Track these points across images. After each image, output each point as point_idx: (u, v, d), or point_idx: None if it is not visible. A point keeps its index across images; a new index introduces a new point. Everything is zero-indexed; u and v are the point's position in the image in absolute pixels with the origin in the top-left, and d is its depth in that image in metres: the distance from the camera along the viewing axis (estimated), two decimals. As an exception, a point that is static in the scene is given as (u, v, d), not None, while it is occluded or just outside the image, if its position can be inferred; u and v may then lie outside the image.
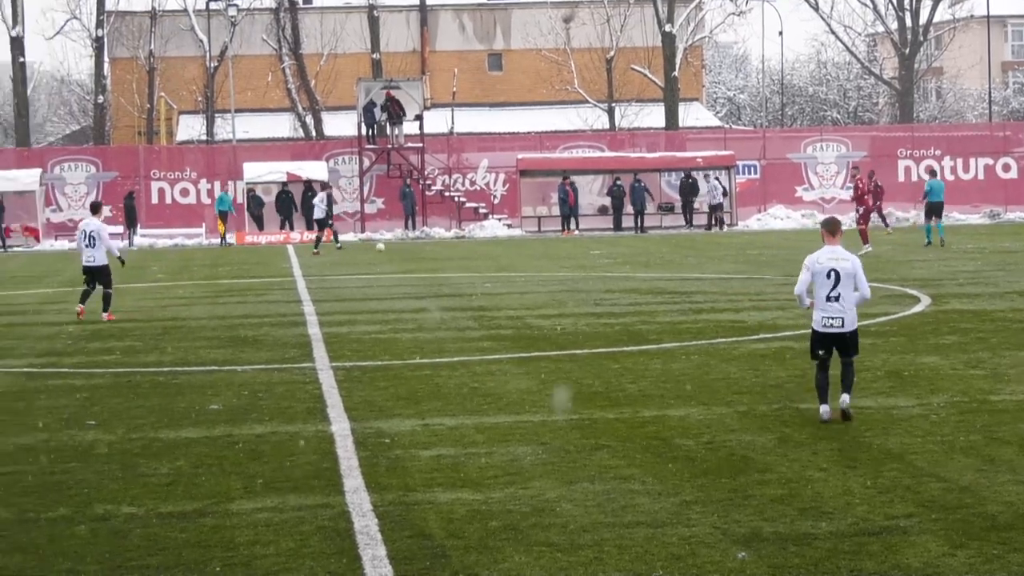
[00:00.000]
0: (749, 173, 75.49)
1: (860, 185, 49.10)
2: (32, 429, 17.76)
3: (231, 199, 70.64)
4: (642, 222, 71.18)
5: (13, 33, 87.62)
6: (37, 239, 70.59)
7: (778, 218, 72.24)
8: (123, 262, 31.79)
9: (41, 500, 13.72)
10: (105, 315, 30.19)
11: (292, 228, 70.77)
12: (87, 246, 30.46)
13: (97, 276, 30.65)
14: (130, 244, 68.49)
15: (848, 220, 45.67)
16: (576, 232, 69.91)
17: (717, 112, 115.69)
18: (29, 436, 17.28)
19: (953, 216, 72.39)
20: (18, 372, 23.21)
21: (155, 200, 73.23)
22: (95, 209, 32.58)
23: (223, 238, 68.35)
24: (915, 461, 14.36)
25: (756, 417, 17.08)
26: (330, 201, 60.67)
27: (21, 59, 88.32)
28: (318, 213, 59.74)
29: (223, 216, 68.78)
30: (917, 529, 11.71)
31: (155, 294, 38.92)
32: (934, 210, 50.98)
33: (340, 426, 17.22)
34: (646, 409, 17.85)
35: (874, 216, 54.24)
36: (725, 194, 71.78)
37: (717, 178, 72.21)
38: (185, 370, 22.88)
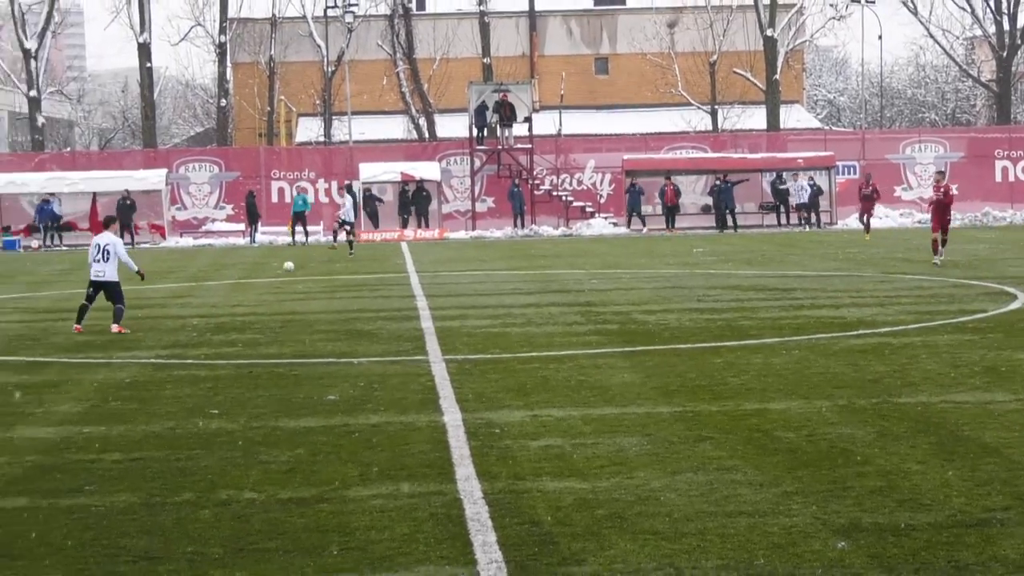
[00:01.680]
0: (848, 173, 75.00)
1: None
2: (159, 417, 17.94)
3: (307, 200, 70.93)
4: (734, 221, 70.85)
5: (141, 40, 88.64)
6: (163, 236, 71.32)
7: (877, 217, 71.75)
8: (143, 276, 29.67)
9: (167, 485, 13.85)
10: (115, 327, 27.92)
11: (409, 225, 71.08)
12: (98, 260, 28.14)
13: (107, 291, 28.22)
14: (252, 241, 69.07)
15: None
16: (675, 231, 69.78)
17: (817, 114, 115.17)
18: (156, 424, 17.45)
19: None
20: (146, 363, 23.43)
21: (275, 199, 73.80)
22: (108, 223, 29.89)
23: (294, 237, 68.70)
24: (1012, 455, 14.22)
25: (855, 411, 16.96)
26: (355, 202, 59.93)
27: (148, 64, 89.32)
28: (349, 216, 58.10)
29: (299, 216, 69.12)
30: (1014, 521, 11.59)
31: (275, 289, 39.18)
32: None
33: (452, 416, 17.27)
34: (748, 402, 17.79)
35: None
36: (819, 194, 71.36)
37: (811, 178, 71.85)
38: (303, 362, 23.02)
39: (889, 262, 40.15)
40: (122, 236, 67.98)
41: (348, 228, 57.53)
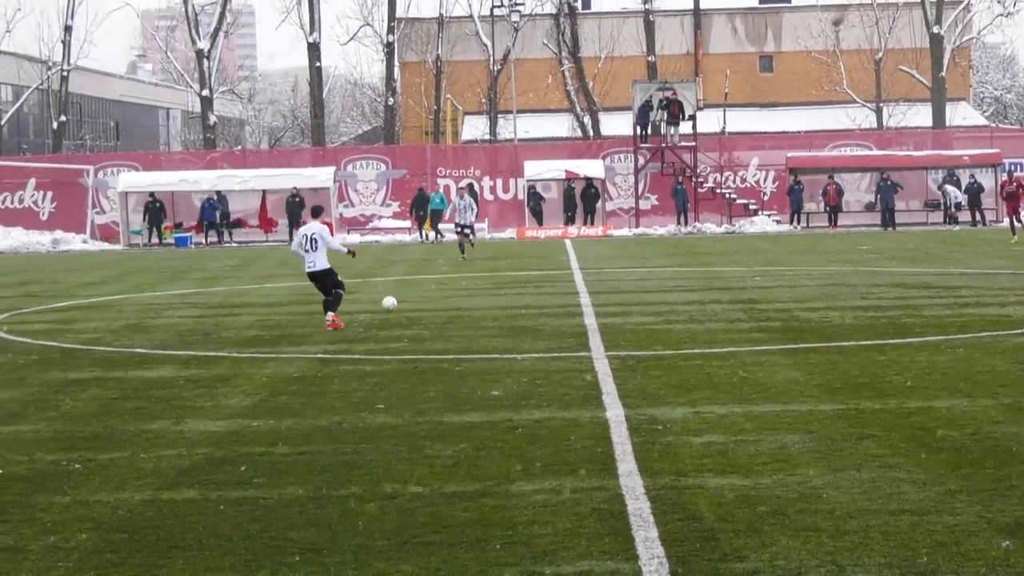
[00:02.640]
0: (1016, 170, 73.93)
1: None
2: (326, 411, 18.13)
3: (443, 197, 71.06)
4: (893, 219, 70.12)
5: (310, 39, 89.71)
6: (331, 232, 71.92)
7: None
8: (354, 254, 30.38)
9: (334, 478, 13.99)
10: (329, 317, 27.71)
11: (571, 223, 71.14)
12: (308, 250, 28.02)
13: (322, 280, 28.05)
14: (422, 239, 69.43)
15: None
16: (837, 228, 69.29)
17: (984, 111, 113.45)
18: (323, 418, 17.63)
19: None
20: (313, 358, 23.69)
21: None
22: (316, 213, 29.67)
23: (432, 234, 68.78)
24: None
25: (1021, 410, 16.72)
26: (476, 203, 54.76)
27: (317, 64, 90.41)
28: (461, 218, 52.11)
29: (436, 214, 69.18)
30: None
31: (440, 285, 39.44)
32: None
33: (615, 412, 17.26)
34: (911, 400, 17.60)
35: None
36: (980, 191, 70.52)
37: (973, 177, 71.04)
38: (468, 357, 23.13)
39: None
40: (291, 233, 69.06)
41: (466, 231, 52.06)
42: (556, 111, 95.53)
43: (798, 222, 71.84)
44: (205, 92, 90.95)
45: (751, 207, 72.79)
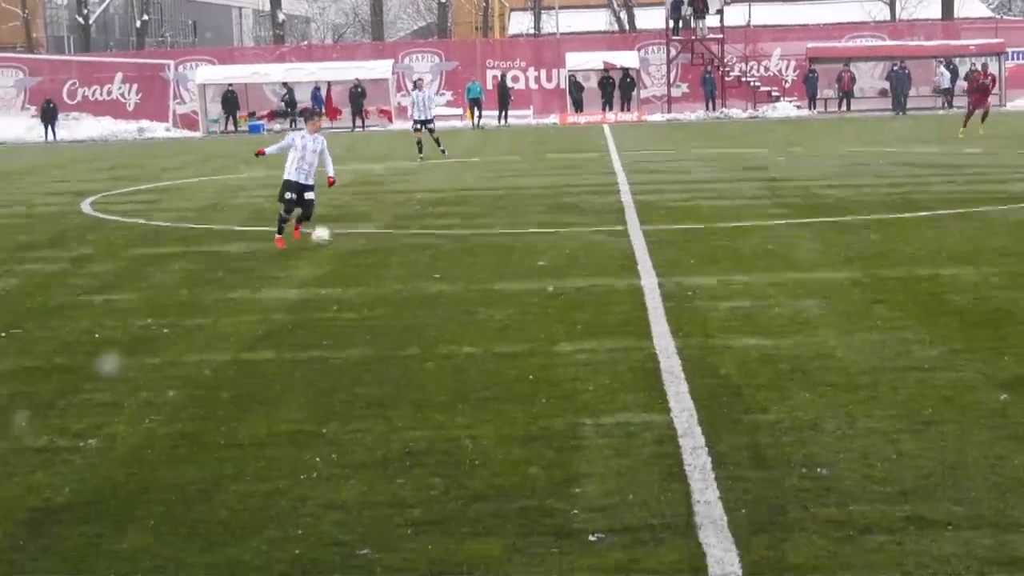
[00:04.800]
0: (1018, 59, 73.17)
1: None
2: (388, 281, 18.22)
3: (480, 87, 70.72)
4: (905, 104, 69.59)
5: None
6: (390, 120, 71.86)
7: (1043, 99, 70.03)
8: (259, 154, 23.97)
9: (396, 341, 14.09)
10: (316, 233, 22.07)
11: (609, 109, 70.82)
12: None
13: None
14: (475, 126, 69.09)
15: None
16: (851, 112, 68.81)
17: (990, 4, 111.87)
18: (385, 287, 17.73)
19: None
20: (376, 233, 23.76)
21: (489, 87, 73.75)
22: (307, 117, 23.79)
23: (474, 122, 68.47)
24: None
25: (1021, 276, 16.68)
26: (428, 100, 44.61)
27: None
28: (420, 113, 43.68)
29: (475, 103, 69.02)
30: None
31: (490, 168, 39.38)
32: None
33: (649, 280, 17.30)
34: (920, 269, 17.57)
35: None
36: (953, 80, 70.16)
37: (974, 65, 70.31)
38: (515, 231, 23.16)
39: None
40: (353, 121, 68.94)
41: (428, 127, 43.65)
42: (595, 7, 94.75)
43: (814, 107, 71.47)
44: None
45: (773, 94, 72.40)
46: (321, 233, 21.59)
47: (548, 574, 7.45)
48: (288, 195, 21.98)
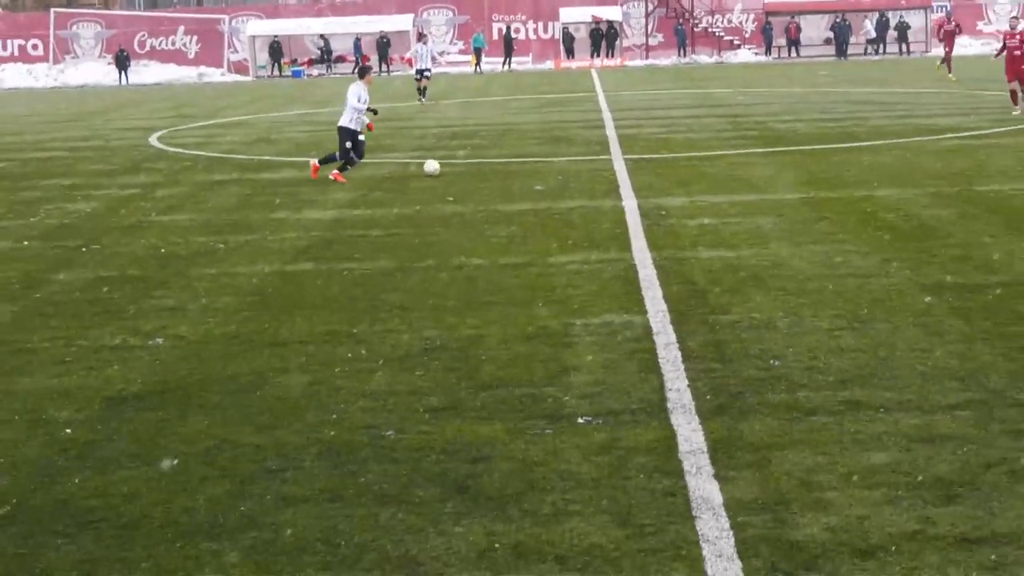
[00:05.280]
0: (942, 12, 72.54)
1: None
2: (409, 202, 18.15)
3: (484, 38, 70.26)
4: (845, 51, 69.09)
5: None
6: (411, 66, 71.25)
7: (964, 46, 69.15)
8: (375, 112, 21.42)
9: (415, 254, 14.05)
10: (312, 162, 21.52)
11: (597, 56, 70.34)
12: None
13: (338, 134, 20.78)
14: (478, 71, 68.60)
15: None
16: (799, 58, 68.28)
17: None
18: (407, 208, 17.66)
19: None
20: (398, 162, 23.65)
21: (495, 37, 73.19)
22: (362, 73, 21.06)
23: (477, 67, 67.90)
24: (1066, 231, 13.86)
25: (942, 197, 16.61)
26: (430, 53, 42.58)
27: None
28: (422, 63, 41.25)
29: (478, 52, 68.61)
30: (1065, 282, 11.34)
31: (496, 107, 39.15)
32: None
33: (629, 202, 17.23)
34: (858, 191, 17.48)
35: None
36: (905, 27, 69.55)
37: (901, 17, 69.83)
38: (517, 160, 23.05)
39: (973, 82, 38.83)
40: (379, 68, 68.46)
41: (424, 75, 41.10)
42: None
43: (770, 54, 71.03)
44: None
45: (735, 43, 71.91)
46: (433, 165, 21.09)
47: (544, 452, 7.44)
48: (349, 144, 20.60)
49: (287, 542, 6.32)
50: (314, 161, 21.50)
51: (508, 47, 70.49)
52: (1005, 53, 28.83)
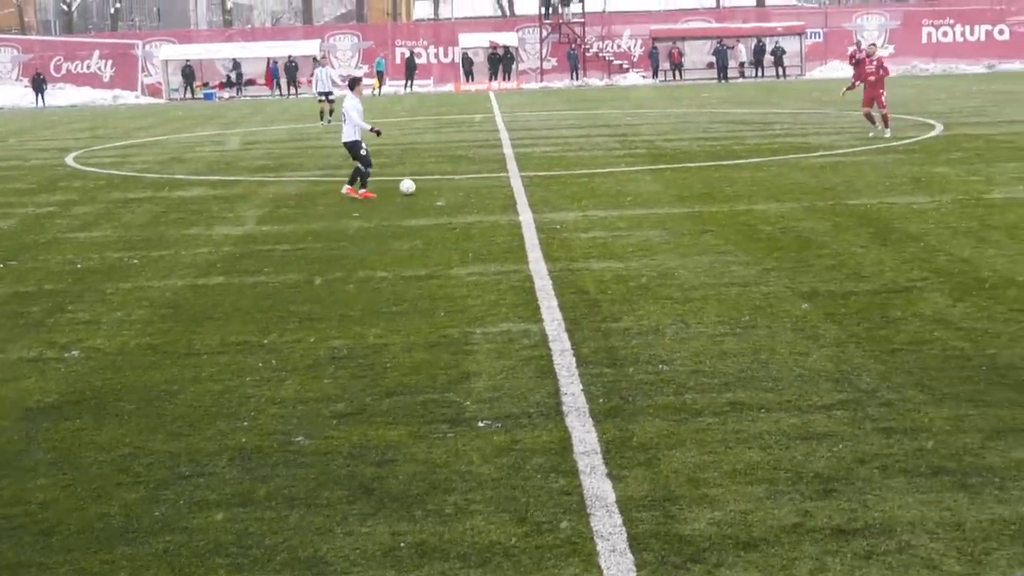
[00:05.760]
0: (816, 38, 73.72)
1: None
2: (316, 219, 18.02)
3: (385, 62, 70.11)
4: (726, 75, 69.76)
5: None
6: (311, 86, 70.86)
7: (835, 70, 70.36)
8: (378, 133, 21.51)
9: (323, 267, 13.94)
10: (344, 189, 20.73)
11: (495, 79, 70.42)
12: (343, 122, 20.68)
13: (349, 150, 20.63)
14: (378, 93, 68.36)
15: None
16: (682, 80, 68.90)
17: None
18: (315, 224, 17.53)
19: (961, 67, 70.18)
20: (306, 180, 23.48)
21: (398, 61, 73.08)
22: (352, 84, 20.81)
23: (375, 91, 67.54)
24: (929, 241, 14.08)
25: (816, 210, 16.82)
26: (329, 76, 40.95)
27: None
28: (322, 86, 40.38)
29: (380, 75, 68.32)
30: (929, 288, 11.51)
31: (398, 127, 39.02)
32: None
33: (526, 216, 17.24)
34: (739, 204, 17.65)
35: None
36: (782, 52, 70.40)
37: (777, 43, 70.68)
38: (419, 178, 22.95)
39: (845, 104, 39.37)
40: (288, 89, 67.99)
41: (330, 98, 40.10)
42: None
43: (656, 77, 71.57)
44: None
45: (624, 66, 72.44)
46: (408, 185, 20.39)
47: (446, 454, 7.40)
48: (364, 151, 20.19)
49: (199, 545, 6.22)
50: (346, 187, 20.51)
51: (410, 70, 70.37)
52: (859, 81, 28.68)
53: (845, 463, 6.98)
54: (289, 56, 70.32)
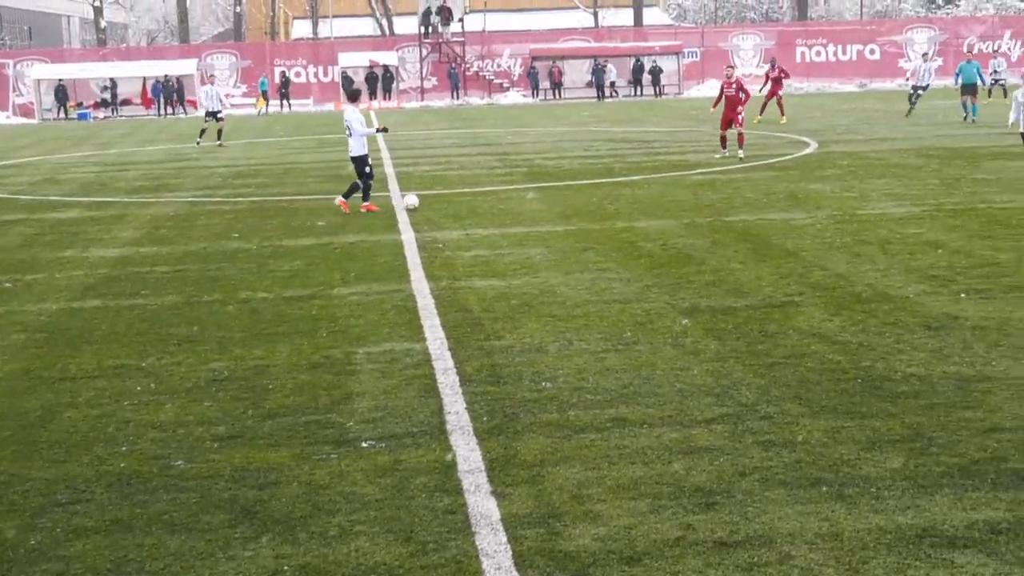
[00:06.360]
0: (692, 57, 74.69)
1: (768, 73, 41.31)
2: (195, 240, 17.80)
3: (268, 81, 69.91)
4: (604, 94, 70.32)
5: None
6: (196, 108, 70.10)
7: (712, 89, 71.35)
8: (385, 130, 21.92)
9: (202, 289, 13.78)
10: (338, 199, 20.47)
11: (374, 98, 70.30)
12: (348, 136, 20.32)
13: (354, 165, 20.37)
14: (260, 112, 67.83)
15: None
16: (561, 99, 69.37)
17: (671, 14, 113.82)
18: (193, 245, 17.32)
19: (834, 86, 71.66)
20: (184, 201, 23.19)
21: (277, 80, 72.58)
22: (353, 97, 20.84)
23: (261, 109, 67.28)
24: (805, 256, 14.35)
25: (695, 227, 17.04)
26: (217, 95, 39.59)
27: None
28: (211, 105, 39.42)
29: (264, 94, 68.22)
30: (806, 303, 11.73)
31: (278, 147, 38.72)
32: (968, 91, 37.86)
33: (407, 236, 17.22)
34: (620, 222, 17.82)
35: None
36: (659, 71, 71.17)
37: (655, 62, 71.54)
38: (300, 198, 22.83)
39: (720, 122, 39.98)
40: (165, 108, 67.17)
41: (215, 117, 39.11)
42: (362, 15, 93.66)
43: (536, 95, 71.97)
44: (97, 3, 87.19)
45: (504, 85, 72.72)
46: (412, 200, 20.15)
47: (329, 475, 7.36)
48: (368, 168, 20.27)
49: (77, 573, 6.10)
50: (339, 199, 20.47)
51: (286, 89, 69.93)
52: (722, 102, 27.74)
53: (726, 476, 7.07)
54: (166, 75, 69.44)
